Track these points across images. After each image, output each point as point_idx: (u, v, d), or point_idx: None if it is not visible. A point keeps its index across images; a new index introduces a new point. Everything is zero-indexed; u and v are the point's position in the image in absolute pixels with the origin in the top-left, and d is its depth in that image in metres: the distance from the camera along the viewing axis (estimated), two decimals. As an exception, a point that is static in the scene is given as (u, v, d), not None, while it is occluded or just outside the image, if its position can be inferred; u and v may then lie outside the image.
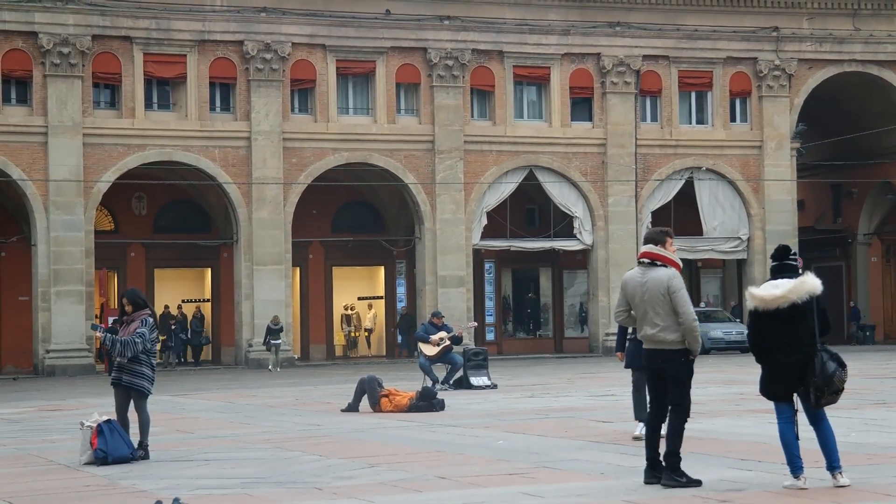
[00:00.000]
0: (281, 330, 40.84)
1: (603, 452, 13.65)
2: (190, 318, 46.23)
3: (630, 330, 13.86)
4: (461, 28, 43.93)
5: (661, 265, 11.05)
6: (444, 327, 26.88)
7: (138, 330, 14.39)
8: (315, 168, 42.80)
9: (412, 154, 43.75)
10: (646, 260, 11.12)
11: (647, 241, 11.28)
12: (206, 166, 41.71)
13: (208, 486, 11.98)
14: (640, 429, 13.74)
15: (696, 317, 11.04)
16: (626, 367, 14.50)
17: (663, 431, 11.01)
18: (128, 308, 14.71)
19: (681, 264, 11.28)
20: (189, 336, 45.22)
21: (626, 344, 14.41)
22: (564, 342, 49.23)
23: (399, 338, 40.16)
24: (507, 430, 16.55)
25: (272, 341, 40.62)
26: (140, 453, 14.40)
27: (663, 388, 11.03)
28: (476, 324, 39.39)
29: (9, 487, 12.29)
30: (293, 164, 42.49)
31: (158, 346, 34.24)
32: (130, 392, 14.57)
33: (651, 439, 11.01)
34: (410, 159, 43.73)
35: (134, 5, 40.93)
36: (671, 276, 10.96)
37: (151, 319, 14.66)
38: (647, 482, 10.89)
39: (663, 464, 10.91)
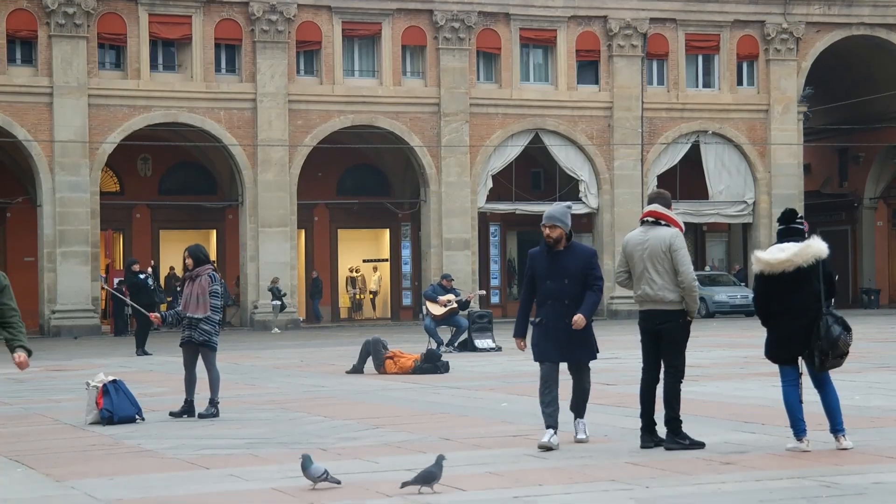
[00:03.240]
0: (279, 291, 40.82)
1: (607, 415, 13.68)
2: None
3: (535, 315, 11.41)
4: (467, -10, 43.76)
5: (665, 224, 11.06)
6: (452, 290, 26.93)
7: (210, 287, 14.50)
8: (321, 130, 42.74)
9: (418, 117, 43.67)
10: (650, 219, 11.11)
11: (652, 201, 11.27)
12: (211, 128, 41.66)
13: (213, 446, 12.03)
14: (549, 436, 10.95)
15: (695, 277, 11.04)
16: (536, 359, 11.31)
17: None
18: (188, 263, 14.79)
19: (683, 227, 11.29)
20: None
21: (531, 330, 11.40)
22: (569, 305, 49.20)
23: (280, 303, 40.07)
24: (510, 393, 16.59)
25: (272, 302, 40.66)
26: (214, 410, 14.54)
27: (657, 349, 11.04)
28: (484, 292, 39.49)
29: (15, 446, 12.34)
30: (299, 126, 42.43)
31: (164, 307, 34.28)
32: (200, 349, 14.67)
33: (647, 403, 11.03)
34: (416, 122, 43.66)
35: (139, -34, 40.78)
36: (674, 235, 10.98)
37: (216, 273, 14.80)
38: (643, 447, 10.91)
39: (664, 428, 10.95)
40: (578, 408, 11.43)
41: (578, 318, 10.96)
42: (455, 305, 26.39)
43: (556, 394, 11.11)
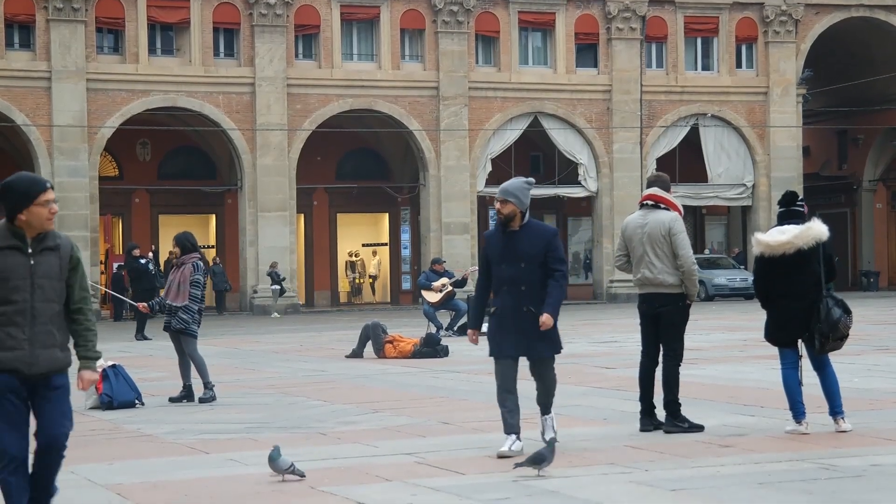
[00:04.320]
0: (278, 276, 40.82)
1: (605, 398, 13.71)
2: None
3: (490, 303, 10.28)
4: (466, -27, 43.67)
5: (664, 208, 11.04)
6: (445, 273, 26.91)
7: (192, 277, 14.54)
8: (319, 114, 42.69)
9: (417, 100, 43.61)
10: (649, 202, 11.09)
11: (651, 184, 11.25)
12: (210, 112, 41.62)
13: (213, 430, 12.05)
14: (510, 443, 9.86)
15: (694, 261, 11.01)
16: (491, 355, 10.16)
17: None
18: (175, 251, 14.86)
19: (682, 210, 11.27)
20: (214, 283, 44.72)
21: (487, 321, 10.27)
22: (568, 289, 49.08)
23: (279, 287, 40.13)
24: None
25: (271, 287, 40.69)
26: (211, 394, 14.61)
27: (657, 333, 11.03)
28: (476, 268, 39.42)
29: None
30: (297, 110, 42.39)
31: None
32: (179, 336, 14.75)
33: (646, 387, 11.03)
34: (415, 106, 43.60)
35: (137, -50, 40.69)
36: (673, 219, 10.95)
37: (202, 263, 14.83)
38: (642, 430, 10.92)
39: (663, 411, 10.96)
40: (544, 403, 10.23)
41: (545, 319, 9.82)
42: (450, 289, 26.38)
43: (516, 396, 10.05)
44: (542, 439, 9.97)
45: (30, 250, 6.82)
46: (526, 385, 10.42)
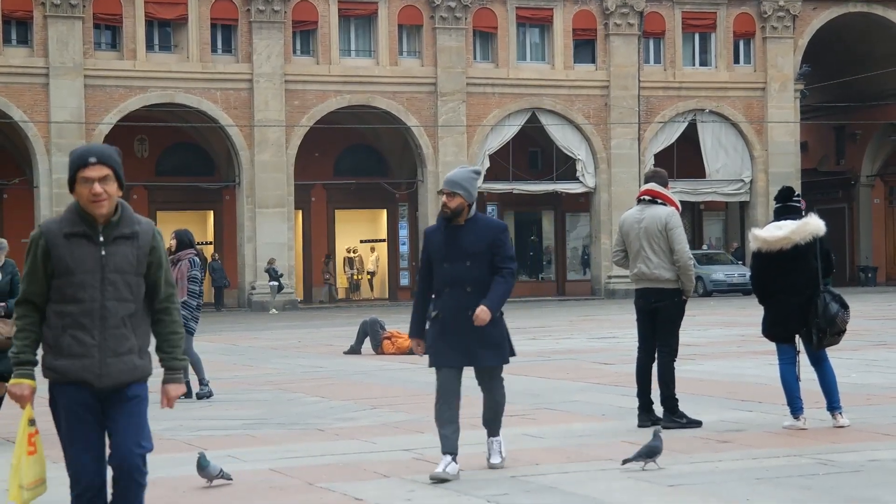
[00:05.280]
0: (276, 272, 40.83)
1: (603, 394, 13.71)
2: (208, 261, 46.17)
3: (431, 307, 8.90)
4: (463, -31, 43.66)
5: (661, 203, 11.04)
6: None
7: (189, 273, 14.57)
8: (317, 110, 42.69)
9: (414, 96, 43.61)
10: (646, 197, 11.10)
11: (649, 180, 11.25)
12: (208, 108, 41.61)
13: (211, 427, 12.05)
14: (445, 465, 8.68)
15: (691, 256, 11.00)
16: (432, 365, 8.97)
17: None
18: (172, 244, 14.86)
19: (680, 206, 11.26)
20: (213, 279, 44.71)
21: (427, 327, 8.99)
22: (567, 285, 49.30)
23: (277, 283, 40.21)
24: (508, 373, 16.47)
25: (269, 283, 40.69)
26: (208, 390, 14.64)
27: (653, 328, 11.02)
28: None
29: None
30: (295, 106, 42.38)
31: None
32: None
33: (643, 382, 11.03)
34: (413, 102, 43.59)
35: (134, -54, 40.67)
36: (670, 214, 10.96)
37: (197, 258, 14.83)
38: (640, 426, 10.91)
39: (661, 407, 10.96)
40: (491, 423, 9.20)
41: (481, 312, 8.60)
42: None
43: (457, 412, 8.88)
44: (488, 464, 9.11)
45: (101, 238, 5.77)
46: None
